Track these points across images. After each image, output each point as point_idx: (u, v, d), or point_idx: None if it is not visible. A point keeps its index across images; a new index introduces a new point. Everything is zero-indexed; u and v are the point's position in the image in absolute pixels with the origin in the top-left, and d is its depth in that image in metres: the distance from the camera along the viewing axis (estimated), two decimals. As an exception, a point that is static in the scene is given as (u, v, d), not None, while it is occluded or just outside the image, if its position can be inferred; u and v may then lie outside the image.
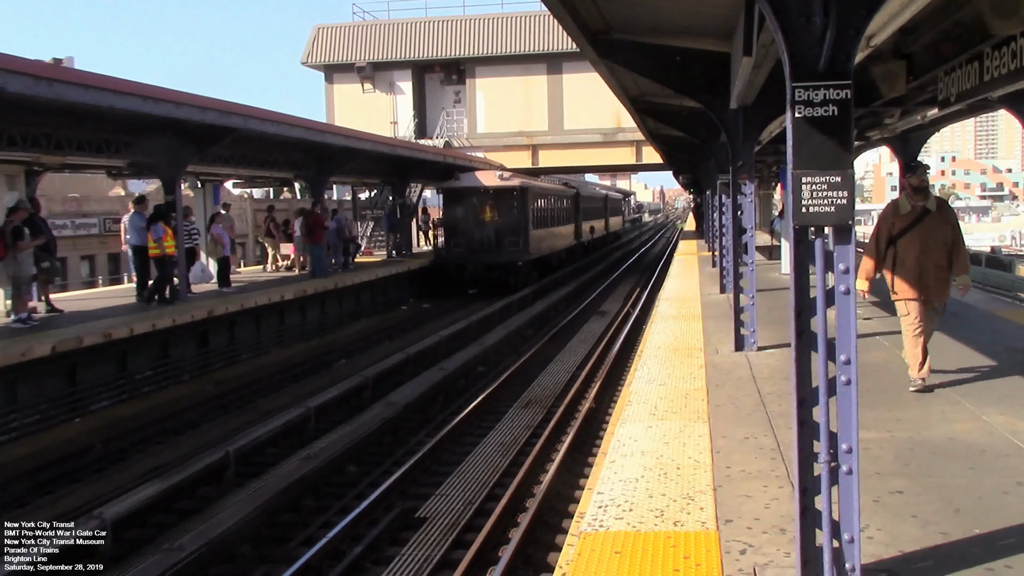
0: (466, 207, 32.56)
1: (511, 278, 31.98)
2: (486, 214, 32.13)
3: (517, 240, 32.31)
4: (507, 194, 32.64)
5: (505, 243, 32.20)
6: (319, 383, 16.82)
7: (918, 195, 8.51)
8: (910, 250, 8.38)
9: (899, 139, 16.60)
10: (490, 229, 32.29)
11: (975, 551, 4.95)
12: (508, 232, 32.25)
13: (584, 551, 5.20)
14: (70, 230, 33.84)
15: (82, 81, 14.35)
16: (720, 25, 9.80)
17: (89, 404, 14.91)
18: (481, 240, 32.31)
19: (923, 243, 8.36)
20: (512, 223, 32.35)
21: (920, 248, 8.35)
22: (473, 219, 32.37)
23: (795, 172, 4.29)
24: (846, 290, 4.33)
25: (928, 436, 7.24)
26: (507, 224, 32.30)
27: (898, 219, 8.53)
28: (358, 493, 10.91)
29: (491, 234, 32.28)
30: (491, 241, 32.25)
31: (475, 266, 31.91)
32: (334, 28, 44.41)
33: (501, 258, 32.06)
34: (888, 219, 8.61)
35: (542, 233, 35.53)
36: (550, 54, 41.57)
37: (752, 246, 12.34)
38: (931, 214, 8.42)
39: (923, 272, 8.37)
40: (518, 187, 32.73)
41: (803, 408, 4.42)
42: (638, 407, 8.69)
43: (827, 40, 4.19)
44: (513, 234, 32.31)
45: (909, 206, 8.48)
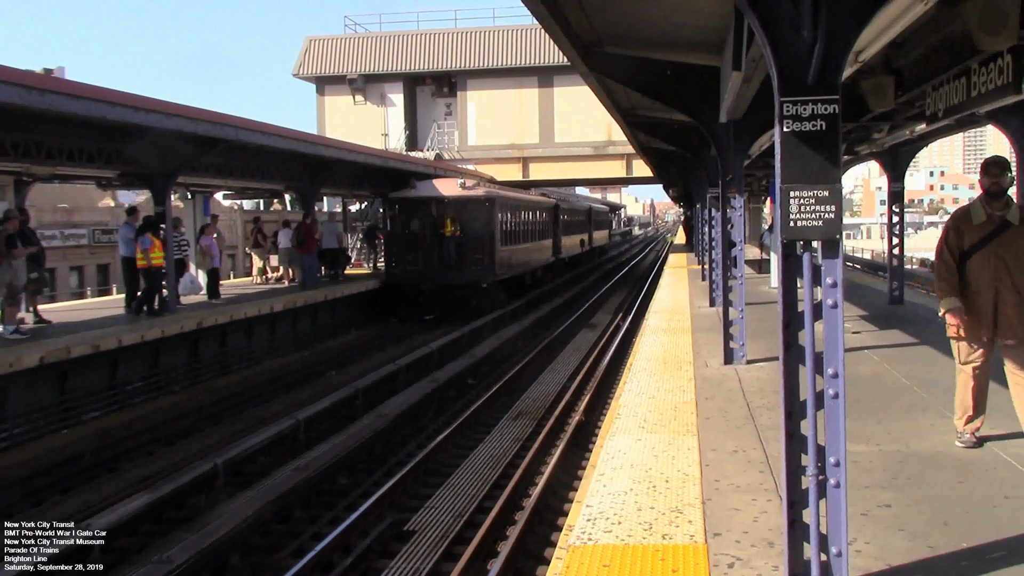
0: (423, 219, 29.22)
1: (474, 300, 28.68)
2: (446, 227, 28.62)
3: (482, 257, 28.95)
4: (470, 205, 29.20)
5: (468, 261, 28.81)
6: (309, 392, 16.79)
7: (995, 201, 6.58)
8: (982, 272, 6.58)
9: (888, 154, 16.67)
10: (450, 245, 28.76)
11: (964, 564, 4.96)
12: (471, 248, 28.85)
13: (573, 564, 5.19)
14: (59, 241, 33.77)
15: (73, 91, 14.34)
16: (711, 39, 9.85)
17: (79, 414, 14.86)
18: (440, 257, 28.78)
19: (999, 263, 6.53)
20: (476, 238, 28.92)
21: (995, 270, 6.54)
22: (431, 233, 28.98)
23: (783, 186, 4.31)
24: (834, 304, 4.35)
25: (917, 449, 7.26)
26: (470, 239, 28.83)
27: (968, 231, 6.65)
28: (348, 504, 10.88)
29: (451, 250, 28.76)
30: (451, 258, 28.69)
31: (432, 287, 28.66)
32: (326, 40, 44.45)
33: (463, 278, 28.65)
34: (956, 230, 6.73)
35: (513, 249, 32.32)
36: (541, 67, 41.65)
37: (741, 259, 12.36)
38: (1012, 227, 6.53)
39: (999, 301, 6.59)
40: (483, 197, 29.43)
41: (791, 421, 4.43)
42: (627, 420, 8.68)
43: (816, 54, 4.21)
44: (477, 250, 28.88)
45: (984, 215, 6.60)
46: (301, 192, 28.52)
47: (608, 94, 15.14)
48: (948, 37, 8.33)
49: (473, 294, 28.61)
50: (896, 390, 9.53)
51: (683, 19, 9.68)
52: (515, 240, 32.74)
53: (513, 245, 32.11)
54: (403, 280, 28.82)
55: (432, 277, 28.57)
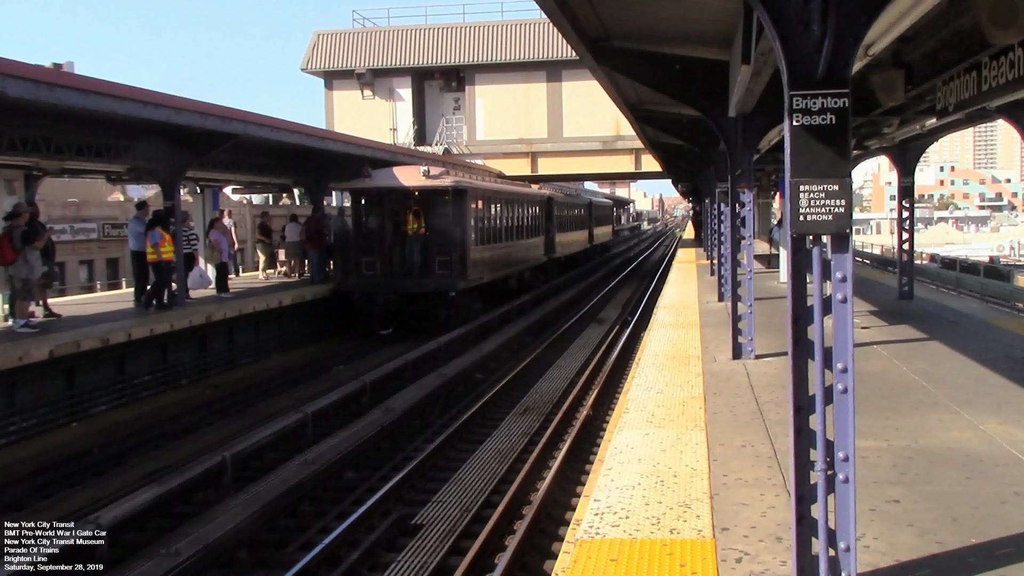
0: (380, 215, 24.66)
1: (441, 312, 23.71)
2: (408, 224, 23.95)
3: (450, 260, 23.95)
4: (437, 198, 24.35)
5: (434, 264, 24.01)
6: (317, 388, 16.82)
7: None
8: None
9: (897, 148, 16.63)
10: (413, 245, 24.11)
11: (972, 560, 4.95)
12: (438, 249, 24.02)
13: (580, 558, 5.19)
14: (69, 235, 33.89)
15: (82, 86, 14.36)
16: (719, 33, 9.83)
17: (87, 408, 14.91)
18: (402, 260, 24.36)
19: None
20: (444, 237, 24.15)
21: None
22: (391, 232, 24.49)
23: (793, 180, 4.30)
24: (843, 298, 4.34)
25: (926, 445, 7.24)
26: (437, 238, 24.13)
27: None
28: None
29: (414, 252, 24.13)
30: (414, 262, 24.12)
31: (389, 296, 23.50)
32: (334, 35, 44.48)
33: (427, 285, 23.70)
34: None
35: (492, 249, 27.66)
36: (550, 61, 41.59)
37: (750, 254, 12.36)
38: None
39: None
40: (451, 188, 24.17)
41: (800, 416, 4.42)
42: (635, 415, 8.68)
43: (825, 48, 4.20)
44: (444, 251, 23.99)
45: None
46: (309, 187, 28.51)
47: (616, 89, 15.14)
48: (958, 31, 8.30)
49: (440, 304, 23.77)
50: (905, 386, 9.51)
51: (692, 14, 9.67)
52: (494, 238, 28.28)
53: (491, 244, 27.73)
54: (354, 288, 23.88)
55: (388, 284, 23.77)
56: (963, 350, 11.47)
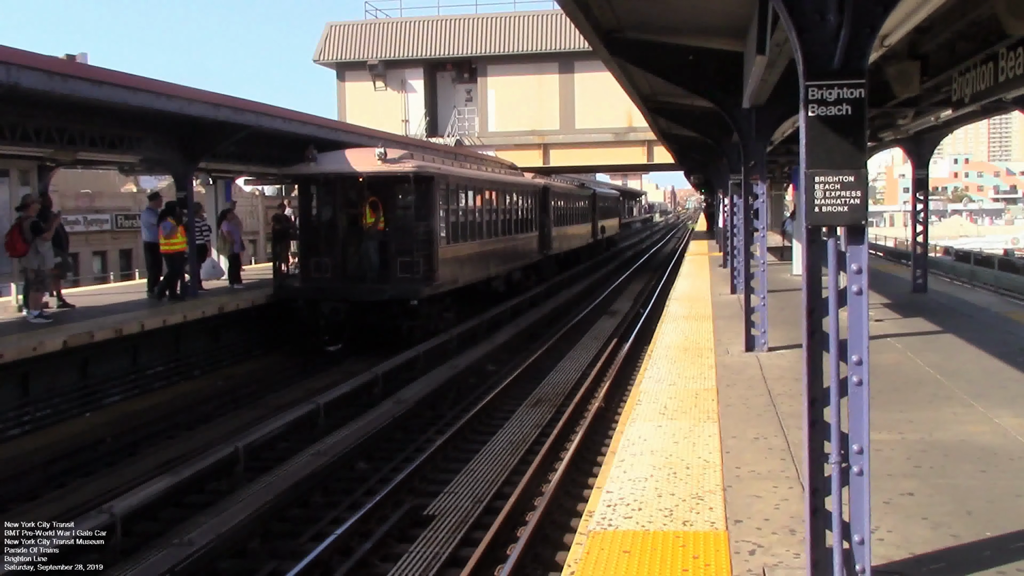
0: (331, 207, 20.88)
1: (403, 323, 19.66)
2: (365, 218, 20.27)
3: (413, 260, 19.90)
4: (397, 186, 20.49)
5: (394, 266, 20.03)
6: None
7: None
8: None
9: (912, 140, 16.55)
10: (369, 244, 20.39)
11: (987, 554, 4.93)
12: (399, 248, 20.09)
13: (593, 550, 5.19)
14: (82, 226, 34.06)
15: (95, 77, 14.39)
16: (733, 23, 9.78)
17: (101, 398, 14.99)
18: (357, 261, 20.48)
19: None
20: (405, 233, 20.20)
21: None
22: (344, 227, 20.58)
23: (808, 171, 4.28)
24: (858, 290, 4.31)
25: (940, 438, 7.21)
26: (398, 235, 20.30)
27: None
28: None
29: (370, 251, 20.39)
30: (370, 263, 20.37)
31: (338, 305, 19.62)
32: (346, 26, 44.44)
33: (384, 291, 19.58)
34: None
35: (469, 247, 23.61)
36: (562, 53, 41.48)
37: (764, 246, 12.32)
38: None
39: None
40: (413, 174, 19.89)
41: (814, 408, 4.40)
42: (648, 406, 8.67)
43: (841, 38, 4.17)
44: (406, 251, 19.99)
45: None
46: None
47: (629, 80, 15.09)
48: (975, 21, 8.24)
49: (400, 313, 19.58)
50: (919, 379, 9.48)
51: (706, 4, 9.63)
52: (473, 234, 24.29)
53: (468, 241, 23.71)
54: (298, 295, 20.15)
55: (337, 290, 19.88)
56: (977, 343, 11.41)
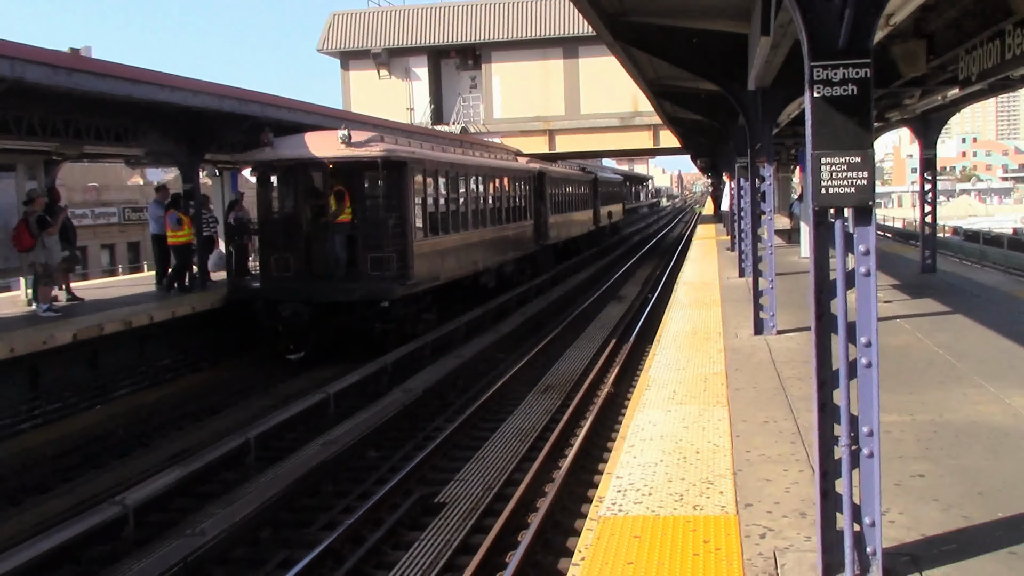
0: (293, 198, 18.92)
1: (375, 327, 17.61)
2: (331, 209, 18.39)
3: (384, 256, 17.99)
4: (365, 173, 18.43)
5: (364, 263, 18.11)
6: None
7: None
8: None
9: (919, 120, 16.46)
10: (336, 238, 18.36)
11: (998, 534, 4.91)
12: (368, 243, 18.13)
13: (603, 535, 5.19)
14: (90, 219, 34.14)
15: (99, 70, 14.39)
16: (737, 5, 9.72)
17: (111, 391, 15.04)
18: (323, 258, 18.40)
19: None
20: (375, 226, 18.30)
21: None
22: (306, 219, 18.61)
23: (815, 153, 4.25)
24: (867, 272, 4.29)
25: (950, 419, 7.19)
26: (368, 228, 18.33)
27: None
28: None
29: (336, 247, 18.36)
30: (337, 259, 18.35)
31: (301, 307, 17.44)
32: (350, 14, 44.33)
33: (352, 291, 17.56)
34: None
35: (451, 240, 21.37)
36: (567, 38, 41.33)
37: (771, 229, 12.28)
38: None
39: None
40: (382, 159, 17.71)
41: (824, 391, 4.39)
42: (657, 392, 8.66)
43: (846, 18, 4.14)
44: (375, 246, 18.02)
45: None
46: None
47: (634, 64, 15.02)
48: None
49: (371, 316, 17.54)
50: (928, 360, 9.45)
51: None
52: (455, 226, 21.98)
53: (450, 234, 21.46)
54: (256, 295, 18.29)
55: (299, 291, 17.87)
56: (987, 323, 11.37)
